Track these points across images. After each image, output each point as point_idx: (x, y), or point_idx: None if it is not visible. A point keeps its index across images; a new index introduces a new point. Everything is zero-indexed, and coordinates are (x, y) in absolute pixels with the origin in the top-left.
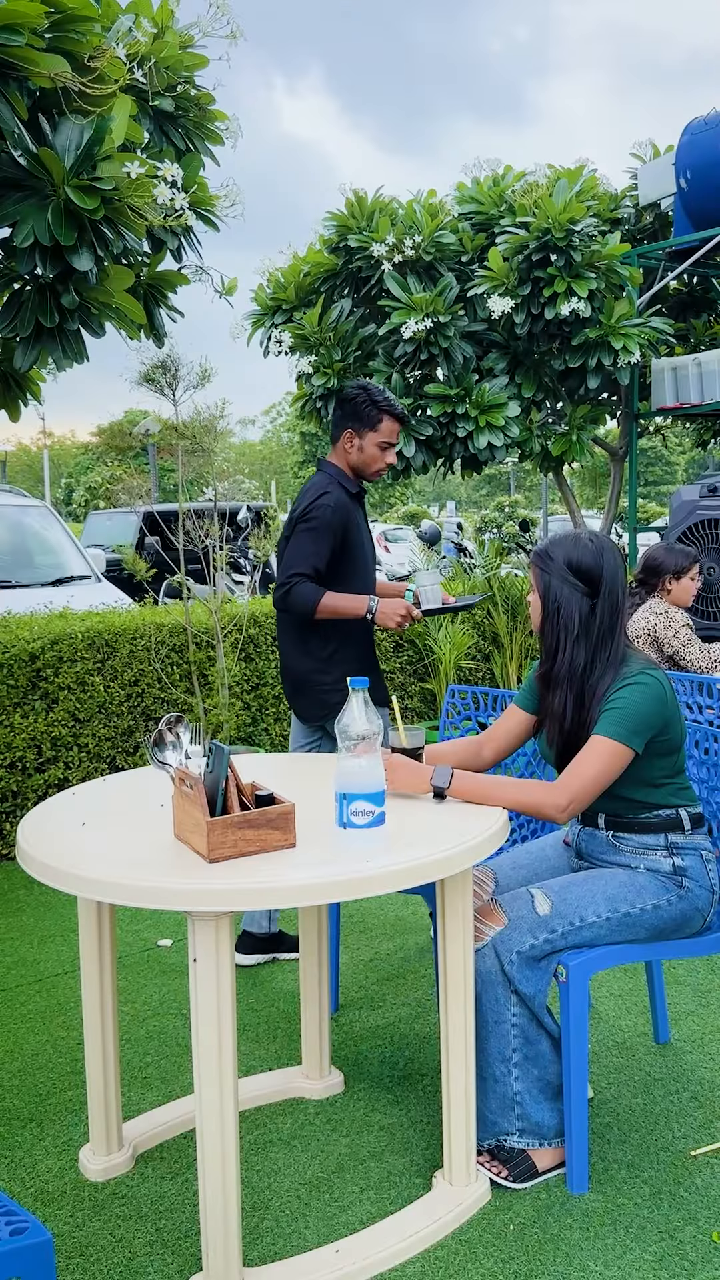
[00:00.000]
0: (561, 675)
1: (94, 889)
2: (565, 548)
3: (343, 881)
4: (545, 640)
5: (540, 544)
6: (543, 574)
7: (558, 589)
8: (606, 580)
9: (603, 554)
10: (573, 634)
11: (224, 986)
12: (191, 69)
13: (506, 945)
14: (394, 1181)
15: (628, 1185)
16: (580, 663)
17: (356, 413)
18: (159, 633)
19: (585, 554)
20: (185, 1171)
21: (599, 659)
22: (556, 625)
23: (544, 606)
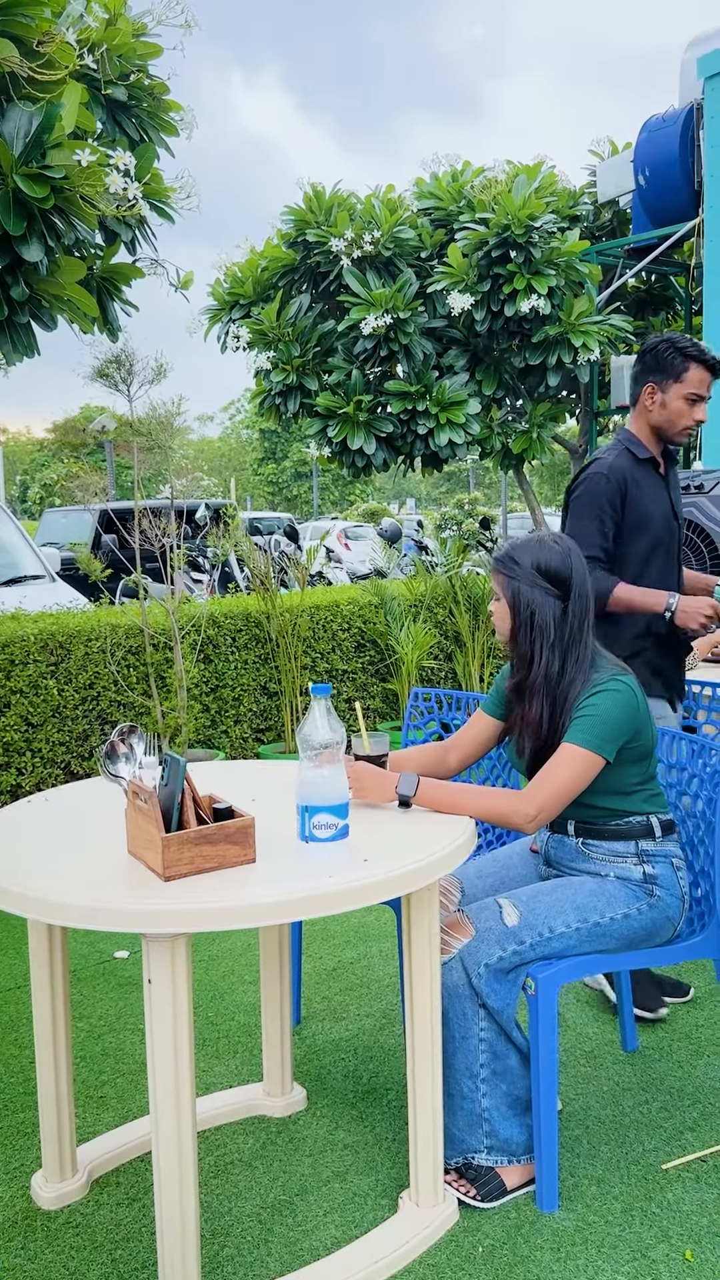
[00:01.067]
0: (537, 684)
1: (42, 910)
2: (531, 551)
3: (304, 899)
4: (518, 649)
5: (501, 549)
6: (510, 580)
7: (528, 594)
8: (576, 582)
9: (570, 555)
10: (549, 640)
11: (180, 1009)
12: (145, 58)
13: (474, 958)
14: (359, 1203)
15: (598, 1202)
16: (555, 669)
17: (658, 363)
18: (115, 634)
19: (553, 556)
20: (143, 1197)
21: (569, 663)
22: (531, 632)
23: (515, 614)
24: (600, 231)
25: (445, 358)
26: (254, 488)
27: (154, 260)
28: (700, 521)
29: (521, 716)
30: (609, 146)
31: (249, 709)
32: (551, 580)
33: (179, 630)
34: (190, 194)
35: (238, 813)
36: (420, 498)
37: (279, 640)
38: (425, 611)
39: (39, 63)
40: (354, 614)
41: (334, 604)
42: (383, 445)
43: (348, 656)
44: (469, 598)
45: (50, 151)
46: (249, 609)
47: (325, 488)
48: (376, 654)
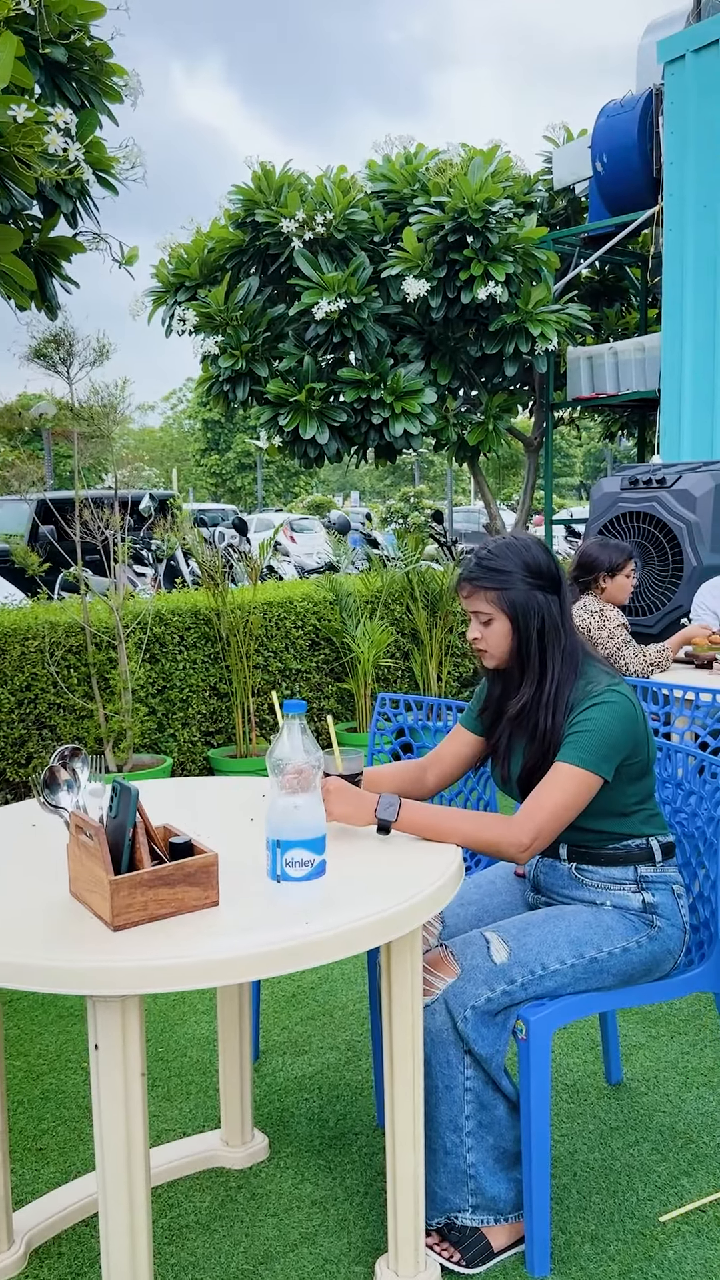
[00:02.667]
0: (550, 695)
1: None
2: (514, 552)
3: (274, 953)
4: (528, 663)
5: (470, 566)
6: (505, 593)
7: (528, 600)
8: (559, 569)
9: (545, 546)
10: (560, 644)
11: (132, 1076)
12: (86, 17)
13: (459, 1000)
14: (330, 1271)
15: (593, 1264)
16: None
17: None
18: (54, 632)
19: (535, 552)
20: (87, 1271)
21: (565, 660)
22: (543, 642)
23: (520, 626)
24: (555, 219)
25: (400, 345)
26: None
27: (96, 234)
28: (661, 516)
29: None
30: (564, 133)
31: (198, 711)
32: (544, 577)
33: (123, 628)
34: (136, 164)
35: (198, 848)
36: (365, 490)
37: (230, 639)
38: (381, 608)
39: None
40: (308, 611)
41: (287, 600)
42: (336, 435)
43: (302, 655)
44: (426, 594)
45: None
46: (198, 605)
47: (269, 479)
48: (331, 652)
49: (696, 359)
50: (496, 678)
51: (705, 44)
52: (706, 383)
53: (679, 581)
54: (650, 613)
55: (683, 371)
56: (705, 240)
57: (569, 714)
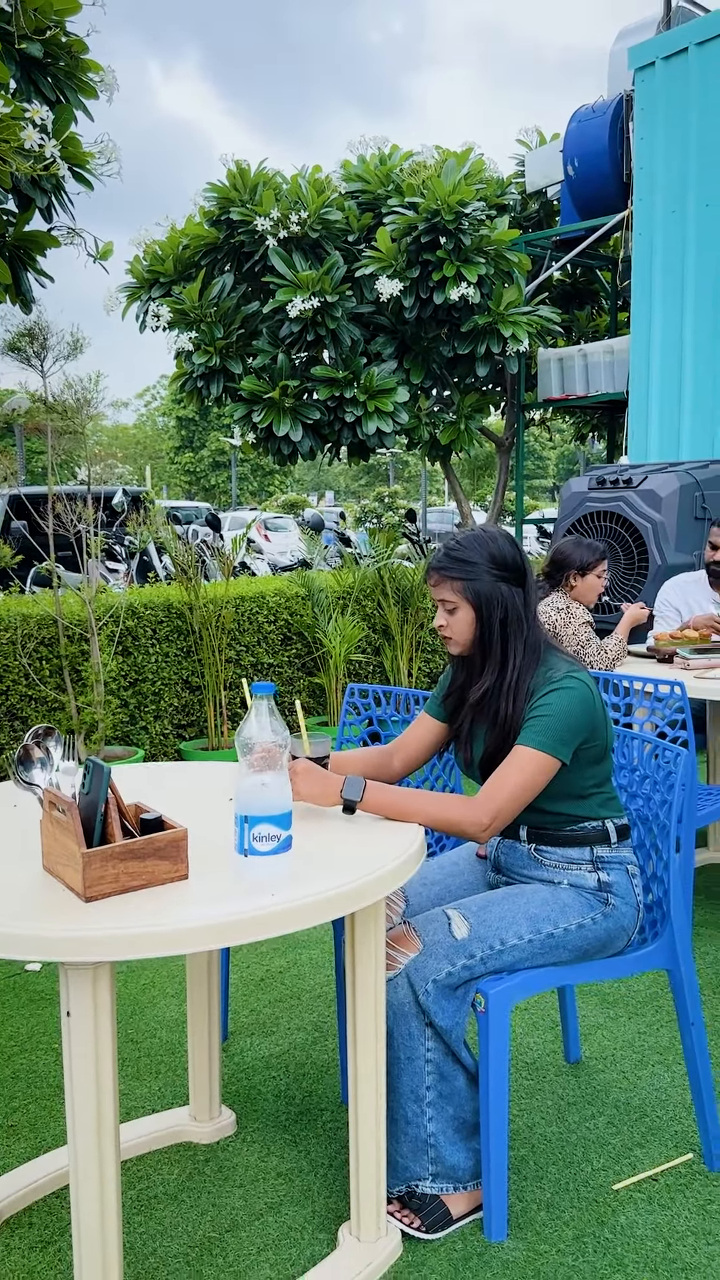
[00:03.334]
0: (511, 683)
1: None
2: (480, 546)
3: (241, 921)
4: (488, 653)
5: (439, 556)
6: (468, 581)
7: (492, 590)
8: (528, 565)
9: (508, 537)
10: (522, 634)
11: (103, 1043)
12: (63, 13)
13: (421, 974)
14: (294, 1238)
15: (549, 1229)
16: (521, 659)
17: None
18: (26, 624)
19: (500, 545)
20: (58, 1239)
21: (528, 651)
22: (505, 631)
23: (483, 615)
24: (527, 222)
25: (373, 344)
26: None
27: (71, 229)
28: (628, 516)
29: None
30: (537, 136)
31: (170, 704)
32: (509, 569)
33: (96, 620)
34: (111, 159)
35: (168, 823)
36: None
37: (202, 632)
38: (353, 604)
39: None
40: (280, 606)
41: (260, 595)
42: (309, 432)
43: (274, 649)
44: (397, 590)
45: None
46: (170, 599)
47: (244, 478)
48: (304, 647)
49: (664, 362)
50: (461, 665)
51: (674, 51)
52: (673, 385)
53: (645, 579)
54: (617, 611)
55: (650, 374)
56: (673, 245)
57: (529, 700)
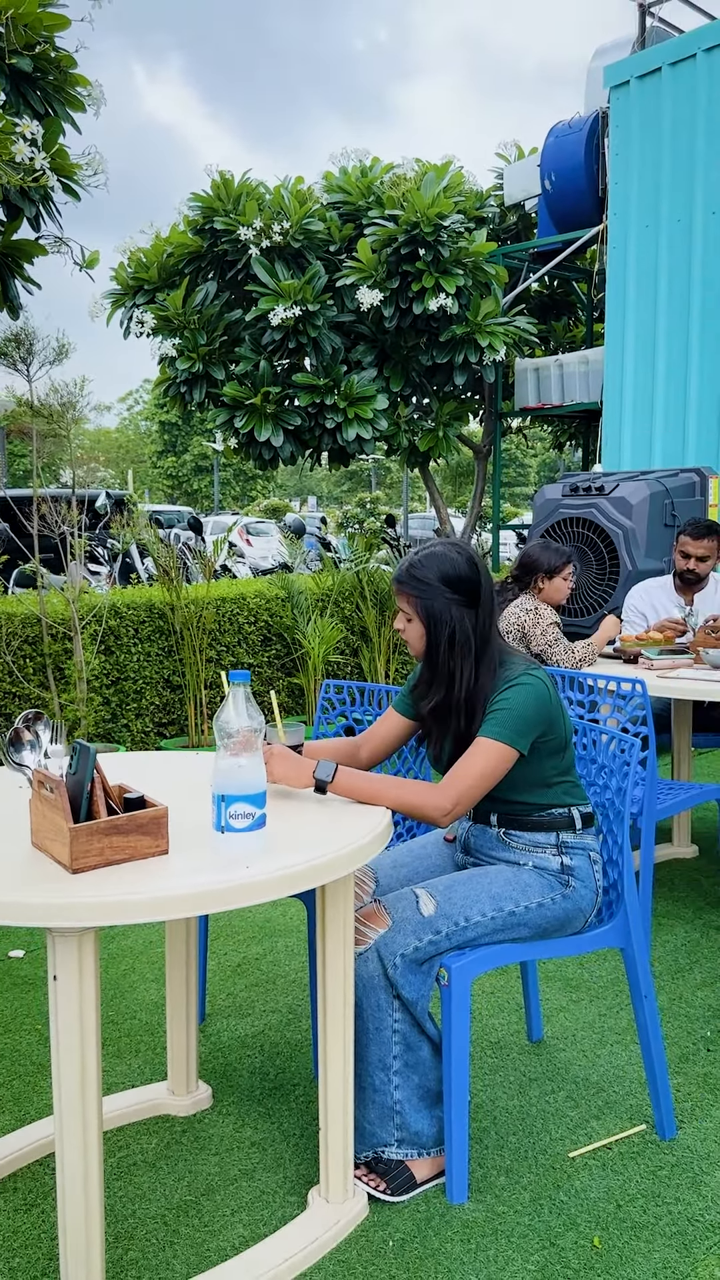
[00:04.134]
0: (461, 699)
1: None
2: (437, 564)
3: (219, 891)
4: (437, 669)
5: (402, 568)
6: (421, 599)
7: (442, 611)
8: (484, 586)
9: (473, 559)
10: (470, 654)
11: (87, 1006)
12: (52, 29)
13: (390, 948)
14: (267, 1201)
15: (507, 1192)
16: (473, 677)
17: None
18: (11, 624)
19: (458, 565)
20: (41, 1202)
21: (482, 666)
22: (451, 651)
23: (431, 632)
24: (506, 234)
25: (354, 353)
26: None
27: (58, 238)
28: (599, 522)
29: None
30: (515, 150)
31: (151, 702)
32: (462, 590)
33: (79, 620)
34: (98, 171)
35: (150, 802)
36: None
37: (183, 632)
38: (332, 606)
39: None
40: (260, 607)
41: (240, 596)
42: (290, 438)
43: (254, 650)
44: (375, 593)
45: None
46: (152, 600)
47: (226, 483)
48: (283, 648)
49: (637, 372)
50: (423, 669)
51: (648, 71)
52: (646, 395)
53: (615, 584)
54: (588, 614)
55: (624, 384)
56: (646, 259)
57: (488, 702)
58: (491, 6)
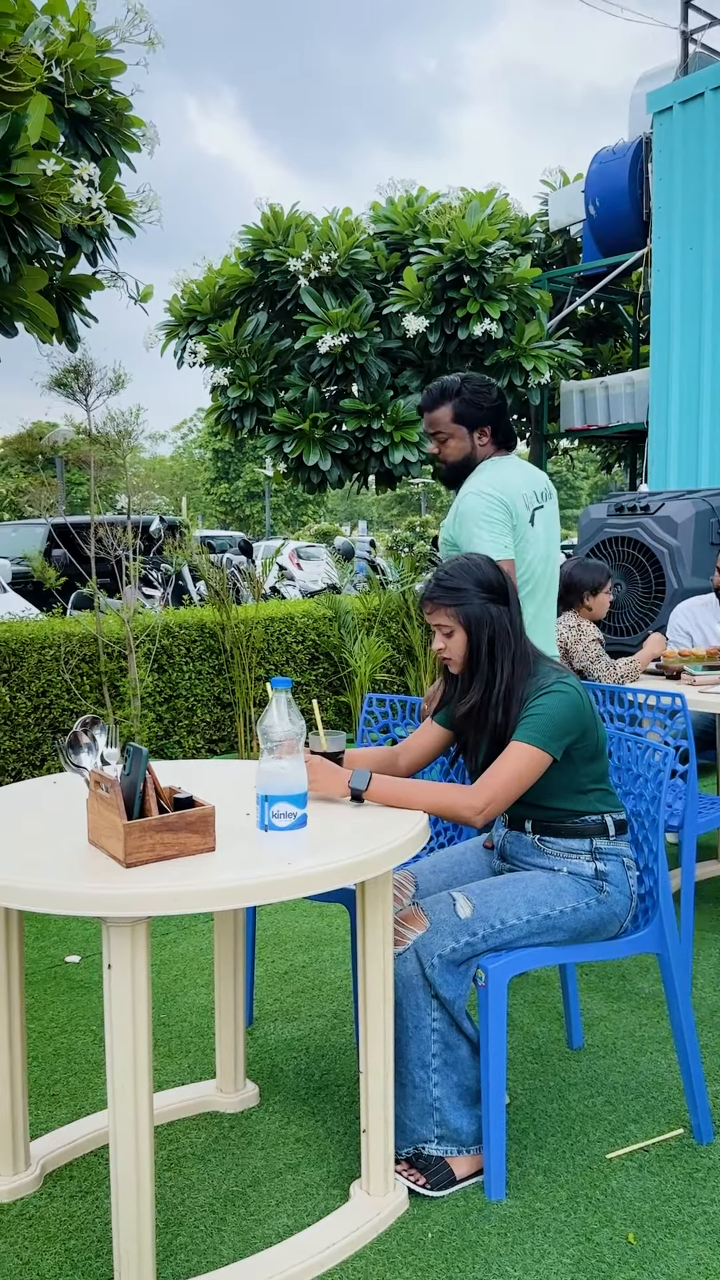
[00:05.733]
0: (500, 697)
1: (2, 894)
2: (466, 571)
3: (263, 884)
4: (479, 669)
5: (429, 586)
6: (459, 607)
7: (481, 612)
8: (510, 584)
9: (492, 561)
10: (510, 651)
11: (139, 995)
12: (109, 74)
13: (428, 949)
14: (311, 1193)
15: (545, 1190)
16: (510, 675)
17: None
18: (69, 642)
19: (484, 569)
20: (96, 1189)
21: (517, 663)
22: (493, 652)
23: (473, 635)
24: (551, 259)
25: (400, 378)
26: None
27: (114, 273)
28: (644, 541)
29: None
30: (560, 176)
31: (202, 719)
32: (493, 590)
33: (133, 639)
34: (152, 208)
35: (198, 803)
36: (372, 520)
37: (233, 651)
38: (378, 625)
39: (6, 74)
40: (308, 626)
41: (288, 616)
42: (338, 462)
43: (302, 668)
44: (421, 612)
45: (15, 161)
46: (204, 619)
47: (278, 508)
48: (330, 666)
49: (682, 393)
50: (451, 683)
51: (691, 96)
52: (691, 415)
53: (661, 603)
54: (634, 632)
55: (669, 404)
56: (690, 281)
57: (523, 706)
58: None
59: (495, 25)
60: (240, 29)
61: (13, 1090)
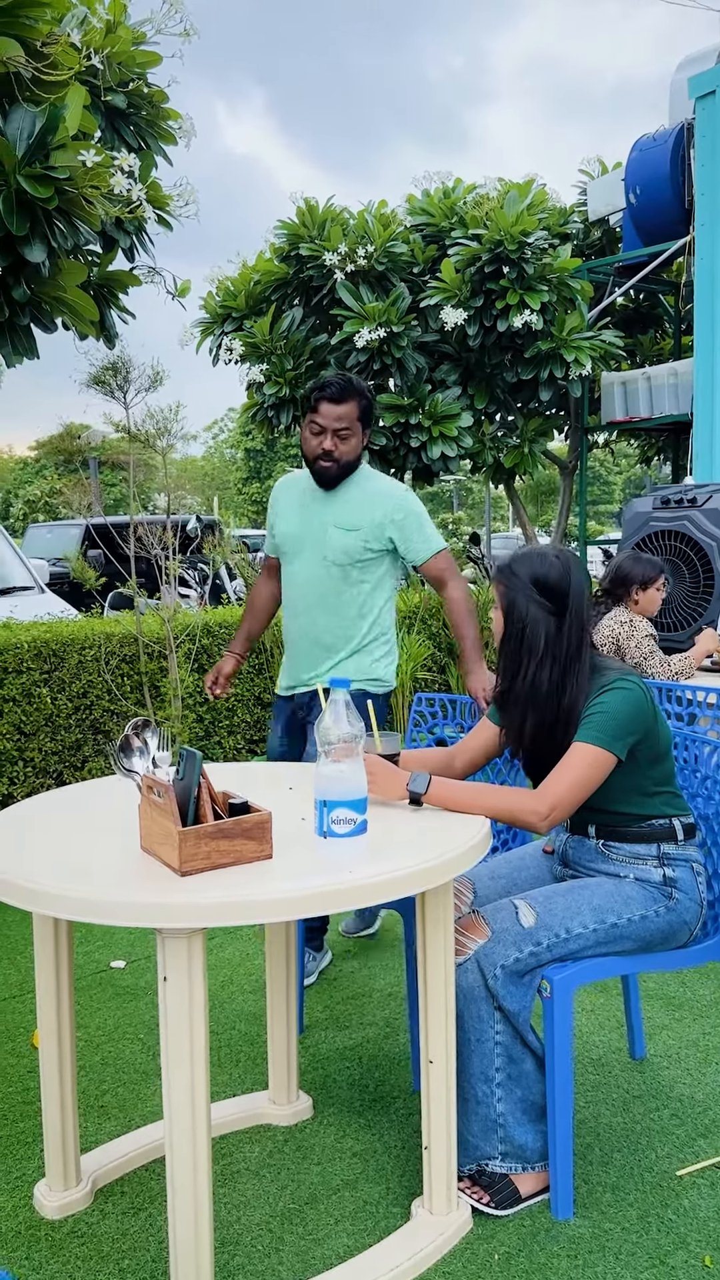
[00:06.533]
0: (521, 695)
1: (52, 904)
2: (531, 563)
3: (324, 893)
4: (504, 659)
5: (504, 558)
6: (507, 590)
7: (523, 607)
8: (574, 598)
9: (569, 570)
10: (536, 656)
11: (196, 1008)
12: (145, 66)
13: (490, 959)
14: (370, 1211)
15: (614, 1209)
16: (544, 684)
17: None
18: (109, 643)
19: (551, 570)
20: (149, 1206)
21: (569, 681)
22: (519, 646)
23: (507, 624)
24: (590, 249)
25: (438, 372)
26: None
27: (151, 268)
28: (692, 535)
29: (508, 725)
30: (599, 166)
31: (243, 719)
32: (548, 594)
33: (174, 638)
34: (189, 201)
35: (253, 808)
36: None
37: (273, 650)
38: (419, 623)
39: (44, 64)
40: None
41: None
42: (375, 458)
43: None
44: None
45: (54, 153)
46: None
47: None
48: None
49: None
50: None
51: None
52: None
53: (710, 598)
54: (682, 628)
55: (714, 394)
56: None
57: (586, 705)
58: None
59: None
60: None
61: (63, 1104)
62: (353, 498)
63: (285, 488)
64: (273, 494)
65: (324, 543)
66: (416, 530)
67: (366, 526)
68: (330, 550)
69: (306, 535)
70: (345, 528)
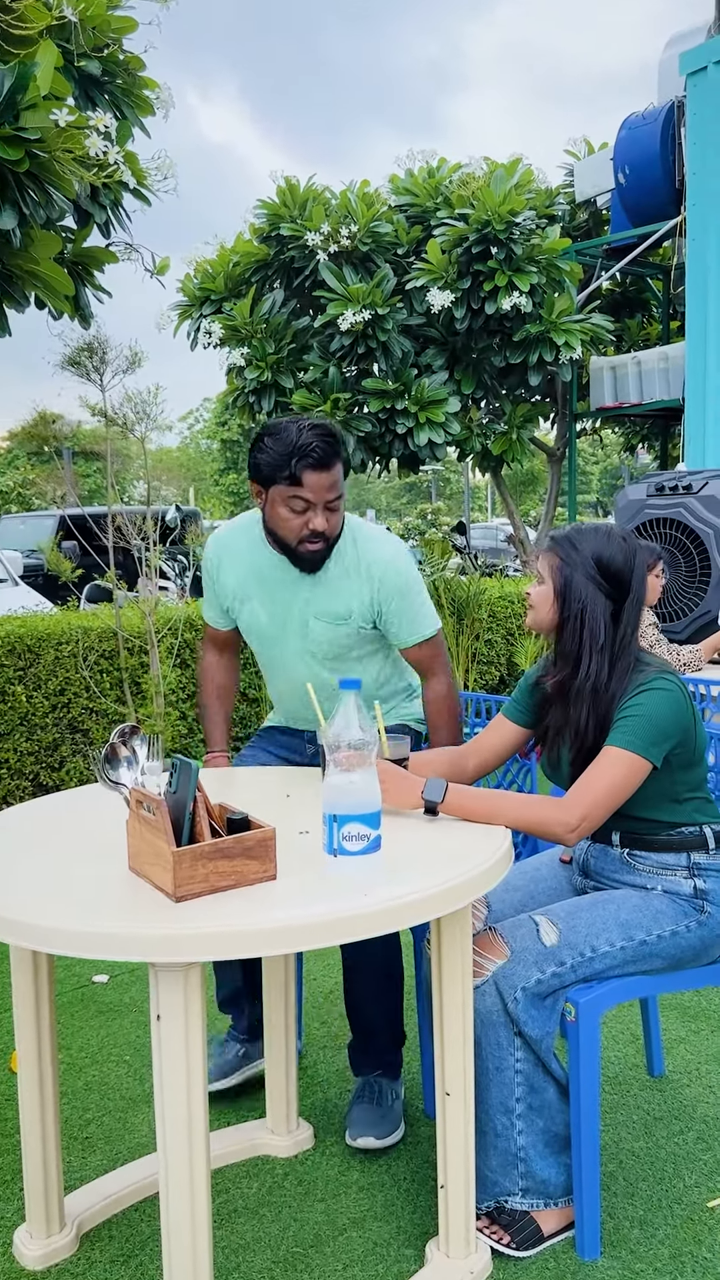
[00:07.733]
0: (585, 689)
1: (31, 936)
2: (595, 541)
3: (338, 920)
4: (562, 646)
5: (564, 530)
6: (564, 566)
7: (581, 587)
8: (635, 586)
9: (635, 555)
10: (598, 643)
11: (194, 1047)
12: (120, 32)
13: (510, 981)
14: (380, 1254)
15: (643, 1247)
16: (604, 675)
17: None
18: (87, 637)
19: (616, 552)
20: (139, 1253)
21: (617, 671)
22: (579, 629)
23: (563, 605)
24: (577, 232)
25: (423, 356)
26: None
27: (129, 245)
28: (688, 522)
29: (565, 721)
30: (585, 146)
31: None
32: (610, 578)
33: (155, 633)
34: (168, 175)
35: (255, 823)
36: (381, 509)
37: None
38: None
39: (11, 16)
40: None
41: None
42: (360, 445)
43: None
44: (452, 601)
45: (25, 113)
46: None
47: None
48: None
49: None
50: (549, 658)
51: None
52: None
53: (706, 586)
54: (678, 618)
55: (706, 379)
56: None
57: (620, 706)
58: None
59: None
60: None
61: (44, 1139)
62: (333, 576)
63: (229, 555)
64: (210, 558)
65: (305, 636)
66: (406, 611)
67: (356, 612)
68: (314, 645)
69: (284, 629)
70: (330, 620)
